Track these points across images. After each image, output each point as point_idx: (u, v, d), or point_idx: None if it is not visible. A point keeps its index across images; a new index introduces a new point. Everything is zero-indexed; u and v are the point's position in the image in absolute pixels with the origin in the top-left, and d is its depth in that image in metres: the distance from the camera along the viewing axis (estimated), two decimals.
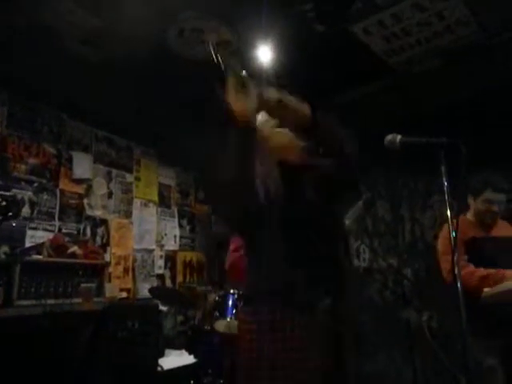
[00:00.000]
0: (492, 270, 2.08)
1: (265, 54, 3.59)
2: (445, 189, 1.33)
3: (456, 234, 1.33)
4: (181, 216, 4.59)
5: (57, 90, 3.38)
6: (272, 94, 1.18)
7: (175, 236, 4.45)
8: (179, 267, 4.43)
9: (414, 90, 4.07)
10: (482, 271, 2.10)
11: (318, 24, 3.33)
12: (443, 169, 1.35)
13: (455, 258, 1.51)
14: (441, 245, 2.36)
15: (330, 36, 3.37)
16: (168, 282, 4.26)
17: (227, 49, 3.49)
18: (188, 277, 4.54)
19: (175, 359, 2.65)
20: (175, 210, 4.53)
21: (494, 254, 2.18)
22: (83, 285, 2.77)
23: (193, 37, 3.39)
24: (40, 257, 2.73)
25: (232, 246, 2.57)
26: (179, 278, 4.40)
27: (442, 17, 3.21)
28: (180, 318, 4.24)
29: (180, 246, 4.51)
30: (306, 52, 3.46)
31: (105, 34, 3.12)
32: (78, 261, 2.91)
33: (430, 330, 3.87)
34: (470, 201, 2.34)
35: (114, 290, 2.90)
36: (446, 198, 1.33)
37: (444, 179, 1.34)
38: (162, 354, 2.84)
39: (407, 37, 3.45)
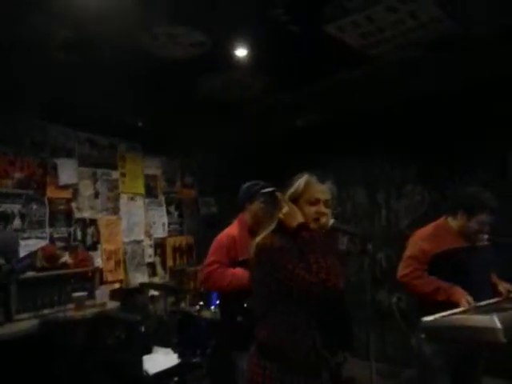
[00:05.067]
0: (445, 284, 2.30)
1: (241, 51, 3.62)
2: None
3: None
4: (168, 203, 4.81)
5: (35, 97, 3.44)
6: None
7: (163, 224, 4.70)
8: (169, 252, 4.72)
9: (392, 78, 4.09)
10: (434, 283, 2.32)
11: (292, 26, 3.33)
12: None
13: None
14: (410, 246, 2.50)
15: (307, 32, 3.37)
16: (159, 268, 4.58)
17: (201, 49, 3.51)
18: (178, 260, 4.84)
19: (161, 361, 2.99)
20: (162, 198, 4.74)
21: (465, 265, 2.33)
22: (75, 294, 3.05)
23: (168, 40, 3.40)
24: (33, 273, 2.98)
25: (210, 258, 2.73)
26: (169, 263, 4.72)
27: (415, 16, 3.21)
28: (171, 299, 4.59)
29: (169, 232, 4.77)
30: (282, 45, 3.49)
31: (82, 43, 3.14)
32: (69, 271, 3.17)
33: (399, 310, 4.23)
34: (461, 216, 2.39)
35: (104, 296, 3.19)
36: None
37: None
38: (150, 351, 3.20)
39: (382, 33, 3.44)
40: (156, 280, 4.52)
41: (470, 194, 2.50)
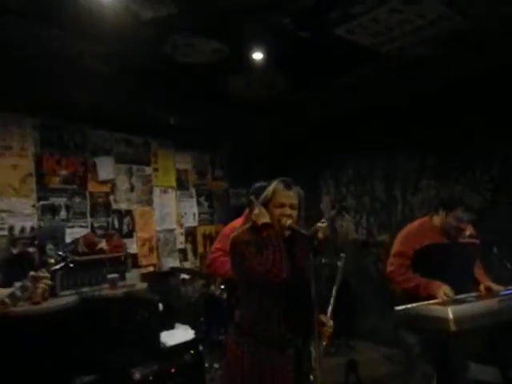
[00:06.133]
0: (424, 281, 2.49)
1: (258, 55, 3.89)
2: None
3: None
4: (198, 195, 5.24)
5: (78, 106, 3.96)
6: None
7: (194, 214, 5.15)
8: (199, 240, 5.17)
9: (405, 73, 4.17)
10: (415, 280, 2.52)
11: (301, 32, 3.55)
12: None
13: None
14: (395, 244, 2.71)
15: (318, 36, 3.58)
16: (190, 254, 5.05)
17: (220, 55, 3.83)
18: (208, 247, 5.28)
19: (179, 336, 3.44)
20: (193, 190, 5.18)
21: (444, 261, 2.50)
22: (109, 276, 3.57)
23: (187, 49, 3.75)
24: (75, 257, 3.53)
25: (215, 246, 3.08)
26: (200, 250, 5.17)
27: (422, 15, 3.29)
28: (201, 281, 5.05)
29: (199, 221, 5.22)
30: (298, 46, 3.72)
31: (111, 55, 3.58)
32: (104, 256, 3.70)
33: None
34: (441, 213, 2.57)
35: (133, 278, 3.69)
36: None
37: None
38: (172, 327, 3.66)
39: (391, 32, 3.55)
40: (187, 265, 4.99)
41: (450, 192, 2.64)
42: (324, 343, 1.95)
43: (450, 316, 2.00)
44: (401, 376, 3.37)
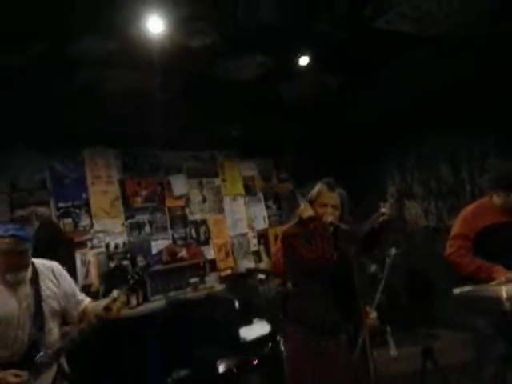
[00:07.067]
0: (486, 264, 2.49)
1: (303, 61, 4.09)
2: None
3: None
4: (266, 198, 5.54)
5: (149, 133, 4.47)
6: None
7: (264, 217, 5.46)
8: (271, 241, 5.46)
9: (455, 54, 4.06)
10: (476, 262, 2.54)
11: (339, 32, 3.69)
12: None
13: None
14: (455, 225, 2.73)
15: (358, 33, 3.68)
16: (263, 255, 5.36)
17: (265, 68, 4.10)
18: None
19: (257, 330, 3.74)
20: (261, 195, 5.49)
21: (508, 240, 2.46)
22: (191, 280, 4.01)
23: (236, 69, 4.07)
24: (161, 266, 4.02)
25: (274, 249, 3.38)
26: (273, 250, 5.45)
27: None
28: (277, 280, 5.33)
29: (269, 223, 5.51)
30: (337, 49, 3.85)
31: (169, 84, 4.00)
32: (185, 263, 4.15)
33: None
34: (502, 193, 2.53)
35: (213, 281, 4.09)
36: None
37: None
38: (250, 323, 3.98)
39: (431, 16, 3.54)
40: (262, 265, 5.31)
41: (506, 170, 2.60)
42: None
43: (504, 295, 2.02)
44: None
